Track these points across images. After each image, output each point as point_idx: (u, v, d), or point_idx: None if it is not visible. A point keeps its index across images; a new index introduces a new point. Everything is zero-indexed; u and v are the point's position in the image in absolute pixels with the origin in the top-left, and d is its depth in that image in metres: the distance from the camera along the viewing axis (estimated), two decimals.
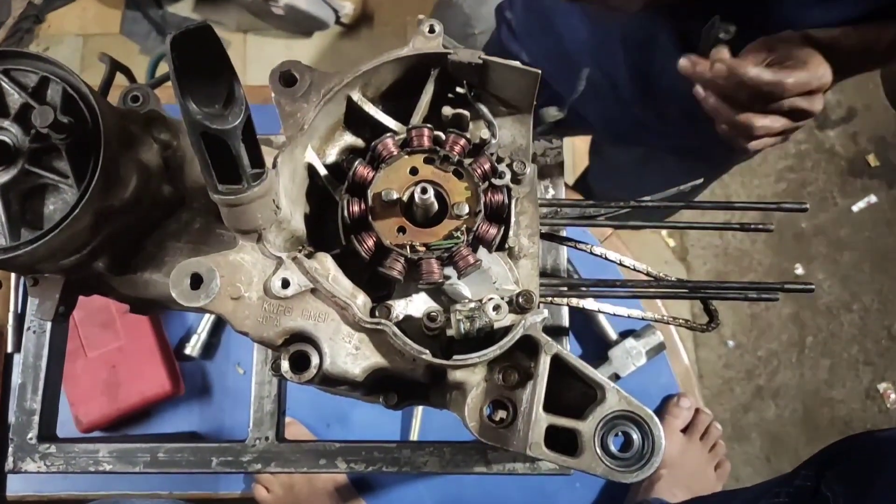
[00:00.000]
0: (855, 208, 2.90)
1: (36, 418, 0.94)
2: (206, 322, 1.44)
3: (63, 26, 2.93)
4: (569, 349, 0.99)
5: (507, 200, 0.69)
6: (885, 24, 1.04)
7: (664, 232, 2.82)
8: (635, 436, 0.59)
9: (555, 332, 0.96)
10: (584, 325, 1.47)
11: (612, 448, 0.59)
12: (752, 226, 0.84)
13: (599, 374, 0.60)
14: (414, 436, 1.39)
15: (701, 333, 1.00)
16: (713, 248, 2.85)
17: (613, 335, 1.45)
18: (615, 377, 1.42)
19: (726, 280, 2.81)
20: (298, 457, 0.92)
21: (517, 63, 0.69)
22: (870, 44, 1.04)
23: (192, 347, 1.43)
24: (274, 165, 0.64)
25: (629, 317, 0.90)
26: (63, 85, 0.73)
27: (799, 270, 2.83)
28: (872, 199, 2.91)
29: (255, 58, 2.93)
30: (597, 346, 1.45)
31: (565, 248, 0.95)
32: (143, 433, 1.39)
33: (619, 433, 0.59)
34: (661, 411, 1.45)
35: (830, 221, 2.89)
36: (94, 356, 1.36)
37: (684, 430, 1.42)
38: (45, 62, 0.73)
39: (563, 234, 0.94)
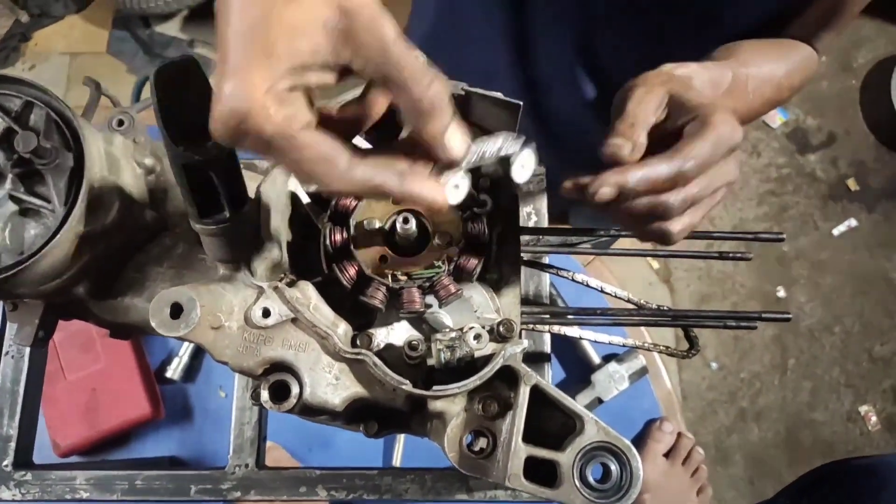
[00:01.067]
0: (835, 232, 2.94)
1: (12, 445, 0.92)
2: (188, 345, 1.43)
3: (50, 45, 2.93)
4: (551, 375, 0.99)
5: (487, 230, 0.70)
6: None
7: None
8: (613, 467, 0.59)
9: (536, 358, 0.96)
10: (566, 349, 1.48)
11: (591, 479, 0.59)
12: (731, 254, 0.85)
13: (578, 405, 0.60)
14: (397, 460, 1.39)
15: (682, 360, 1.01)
16: (696, 271, 2.87)
17: (596, 359, 1.45)
18: (598, 401, 1.42)
19: (709, 304, 2.84)
20: (279, 484, 0.91)
21: (499, 94, 0.70)
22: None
23: (174, 370, 1.41)
24: (256, 194, 0.64)
25: (611, 343, 0.90)
26: (47, 110, 0.73)
27: (781, 293, 2.85)
28: (853, 222, 2.95)
29: None
30: (580, 371, 1.46)
31: (548, 274, 0.96)
32: (122, 458, 1.37)
33: (599, 464, 0.59)
34: (643, 435, 1.45)
35: (811, 245, 2.93)
36: (73, 379, 1.35)
37: (667, 455, 1.42)
38: (30, 87, 0.73)
39: (546, 260, 0.94)
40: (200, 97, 0.54)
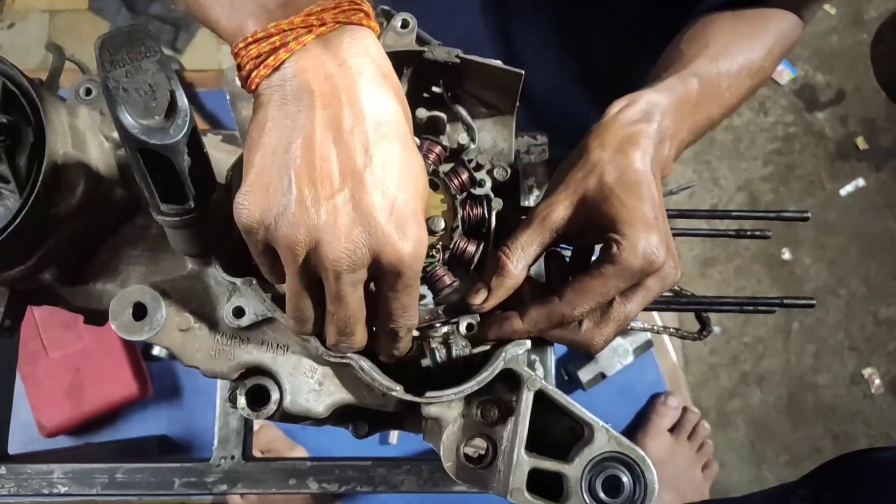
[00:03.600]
0: (843, 192, 2.87)
1: None
2: None
3: (29, 2, 2.80)
4: (554, 359, 0.94)
5: (486, 213, 0.64)
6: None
7: None
8: (625, 479, 0.54)
9: (538, 342, 0.90)
10: None
11: (601, 493, 0.54)
12: (749, 232, 0.79)
13: (587, 412, 0.55)
14: (394, 438, 1.35)
15: (692, 342, 0.95)
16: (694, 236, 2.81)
17: None
18: (601, 376, 1.37)
19: (712, 267, 2.79)
20: (267, 476, 0.87)
21: (498, 62, 0.63)
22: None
23: (161, 347, 1.36)
24: (227, 179, 0.58)
25: None
26: (3, 80, 0.66)
27: (786, 255, 2.80)
28: (860, 182, 2.87)
29: None
30: None
31: None
32: (110, 438, 1.33)
33: (608, 476, 0.54)
34: (648, 410, 1.41)
35: (818, 205, 2.86)
36: (56, 357, 1.30)
37: (672, 430, 1.38)
38: None
39: None
40: (155, 71, 0.47)
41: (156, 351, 1.36)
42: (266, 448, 1.31)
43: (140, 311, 0.53)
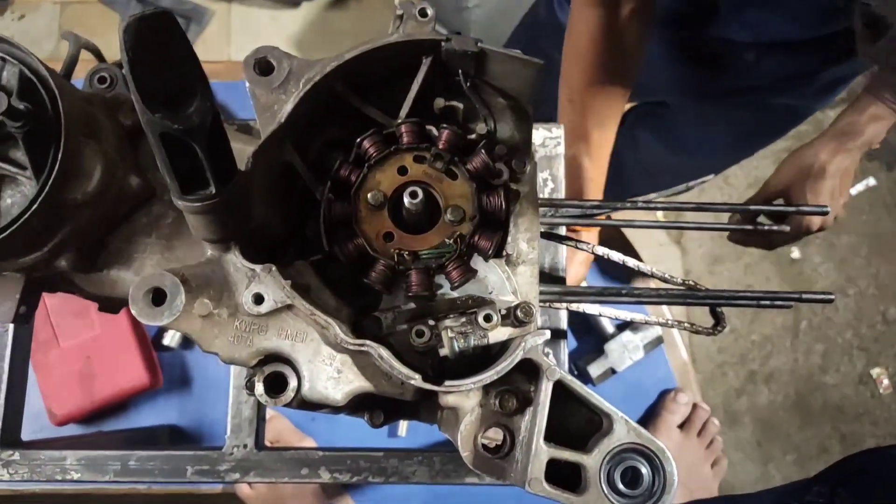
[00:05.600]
0: (853, 191, 2.85)
1: None
2: None
3: None
4: (567, 352, 0.94)
5: (504, 204, 0.63)
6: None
7: (660, 214, 2.76)
8: (645, 471, 0.53)
9: (552, 334, 0.90)
10: (579, 317, 1.42)
11: (620, 484, 0.53)
12: (767, 227, 0.78)
13: (606, 402, 0.55)
14: (402, 430, 1.35)
15: (700, 340, 0.95)
16: (708, 231, 2.80)
17: (610, 328, 1.40)
18: (611, 372, 1.37)
19: (721, 265, 2.78)
20: (279, 465, 0.87)
21: (518, 52, 0.62)
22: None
23: (171, 337, 1.37)
24: (247, 165, 0.57)
25: (632, 320, 0.85)
26: (20, 67, 0.66)
27: (795, 254, 2.78)
28: (871, 181, 2.86)
29: (241, 29, 2.82)
30: (593, 340, 1.40)
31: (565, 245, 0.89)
32: (121, 427, 1.34)
33: (627, 468, 0.54)
34: (657, 406, 1.41)
35: None
36: (67, 346, 1.30)
37: (681, 426, 1.38)
38: (0, 42, 0.66)
39: (562, 231, 0.88)
40: (178, 56, 0.47)
41: (166, 341, 1.37)
42: (276, 439, 1.31)
43: (159, 297, 0.53)
